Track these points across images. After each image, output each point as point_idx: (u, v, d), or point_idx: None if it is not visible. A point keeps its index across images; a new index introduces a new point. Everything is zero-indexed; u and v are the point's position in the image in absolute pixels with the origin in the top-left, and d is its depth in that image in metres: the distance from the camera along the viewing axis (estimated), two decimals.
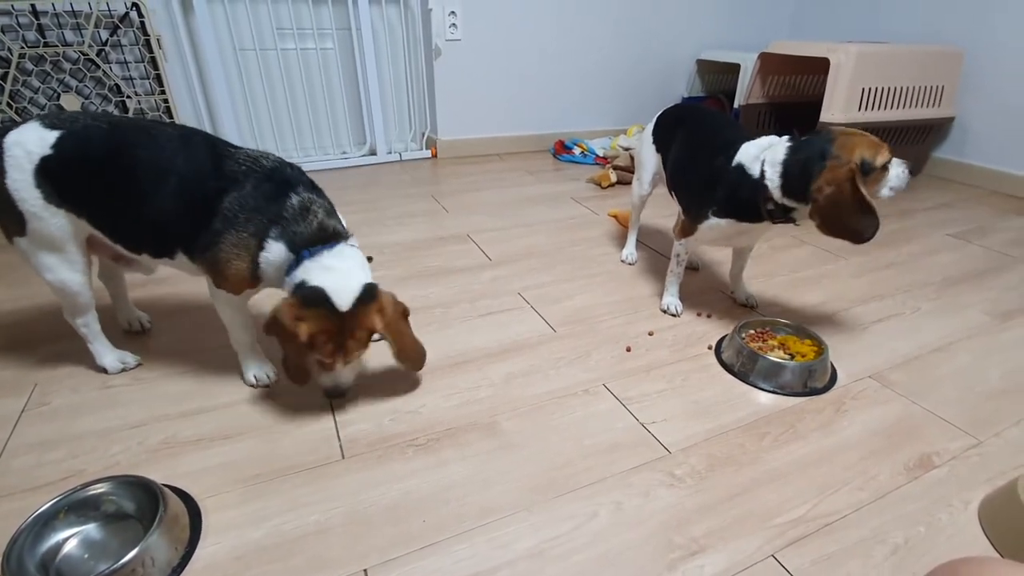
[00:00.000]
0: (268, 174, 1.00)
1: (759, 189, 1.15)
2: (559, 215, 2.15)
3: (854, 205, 1.08)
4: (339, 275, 0.95)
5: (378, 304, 0.99)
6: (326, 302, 0.93)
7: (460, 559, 0.82)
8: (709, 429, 1.07)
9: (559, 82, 2.99)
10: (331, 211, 1.03)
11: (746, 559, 0.82)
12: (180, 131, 1.02)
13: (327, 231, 0.99)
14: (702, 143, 1.32)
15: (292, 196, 0.99)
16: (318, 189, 1.05)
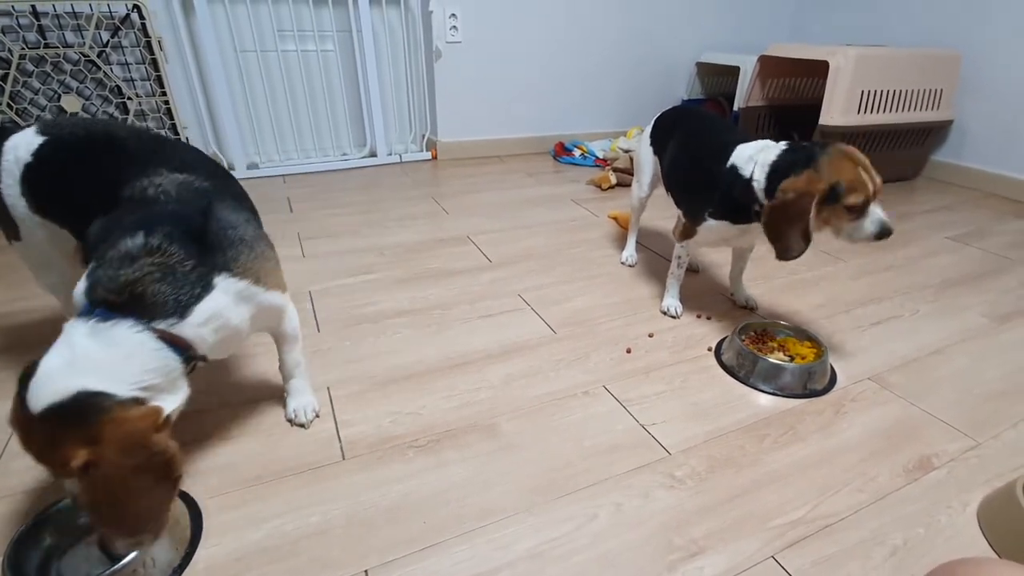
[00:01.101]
0: (150, 201, 0.81)
1: (749, 189, 1.15)
2: (559, 217, 2.15)
3: (796, 221, 1.06)
4: (63, 362, 0.67)
5: (88, 431, 0.64)
6: (22, 388, 0.67)
7: (460, 560, 0.82)
8: (709, 431, 1.07)
9: (559, 84, 3.00)
10: (174, 272, 0.74)
11: (746, 560, 0.82)
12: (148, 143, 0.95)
13: (121, 294, 0.71)
14: (699, 145, 1.33)
15: (138, 235, 0.74)
16: (209, 246, 0.79)
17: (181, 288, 0.74)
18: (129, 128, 1.00)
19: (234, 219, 0.85)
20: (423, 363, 1.26)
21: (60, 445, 0.64)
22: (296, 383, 1.09)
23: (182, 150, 0.97)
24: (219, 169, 1.01)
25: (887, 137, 2.56)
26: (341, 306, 1.49)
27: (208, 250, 0.79)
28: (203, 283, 0.77)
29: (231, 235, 0.83)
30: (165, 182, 0.84)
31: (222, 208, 0.85)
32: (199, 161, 0.96)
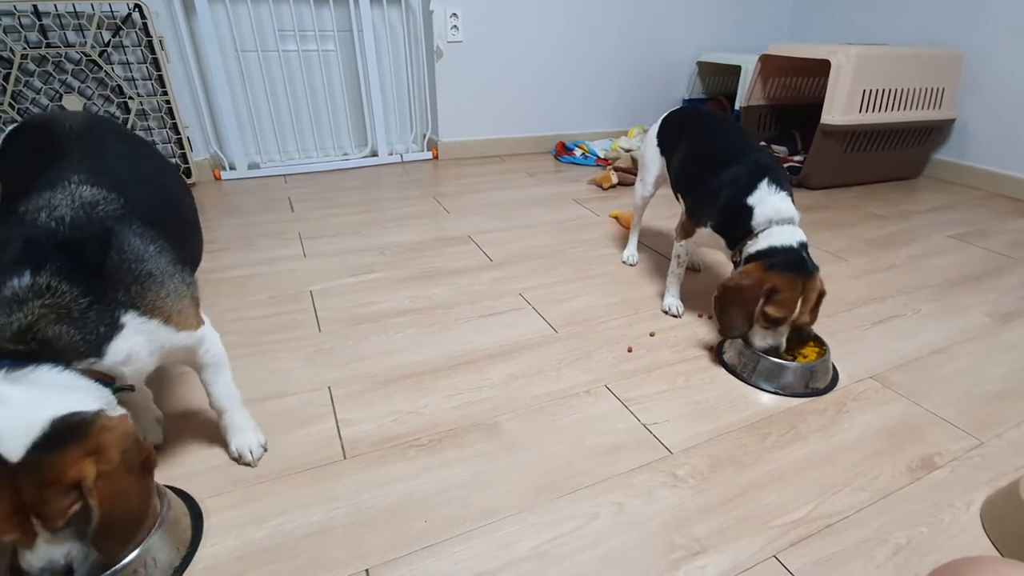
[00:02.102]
0: (40, 227, 0.70)
1: (746, 235, 1.20)
2: (560, 216, 2.15)
3: (744, 305, 1.15)
4: (5, 407, 0.60)
5: (91, 442, 0.63)
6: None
7: (462, 560, 0.82)
8: (711, 430, 1.07)
9: (560, 84, 2.99)
10: (71, 313, 0.67)
11: (748, 559, 0.82)
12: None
13: (28, 343, 0.65)
14: (709, 149, 1.34)
15: (24, 275, 0.66)
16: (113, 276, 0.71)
17: (86, 328, 0.68)
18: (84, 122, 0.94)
19: (140, 250, 0.76)
20: (425, 362, 1.26)
21: (62, 472, 0.61)
22: (232, 417, 0.97)
23: (113, 155, 0.89)
24: (156, 178, 0.92)
25: (888, 136, 2.56)
26: (342, 306, 1.49)
27: (108, 285, 0.71)
28: (107, 321, 0.70)
29: (135, 269, 0.74)
30: (63, 201, 0.73)
31: (127, 236, 0.75)
32: (127, 170, 0.87)
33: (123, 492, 0.65)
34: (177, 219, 0.93)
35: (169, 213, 0.90)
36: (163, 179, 0.96)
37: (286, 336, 1.35)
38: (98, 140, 0.90)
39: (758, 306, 1.14)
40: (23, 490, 0.60)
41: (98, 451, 0.63)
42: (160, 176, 0.95)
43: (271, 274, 1.66)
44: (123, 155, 0.91)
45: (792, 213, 1.19)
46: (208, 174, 2.53)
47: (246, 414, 1.00)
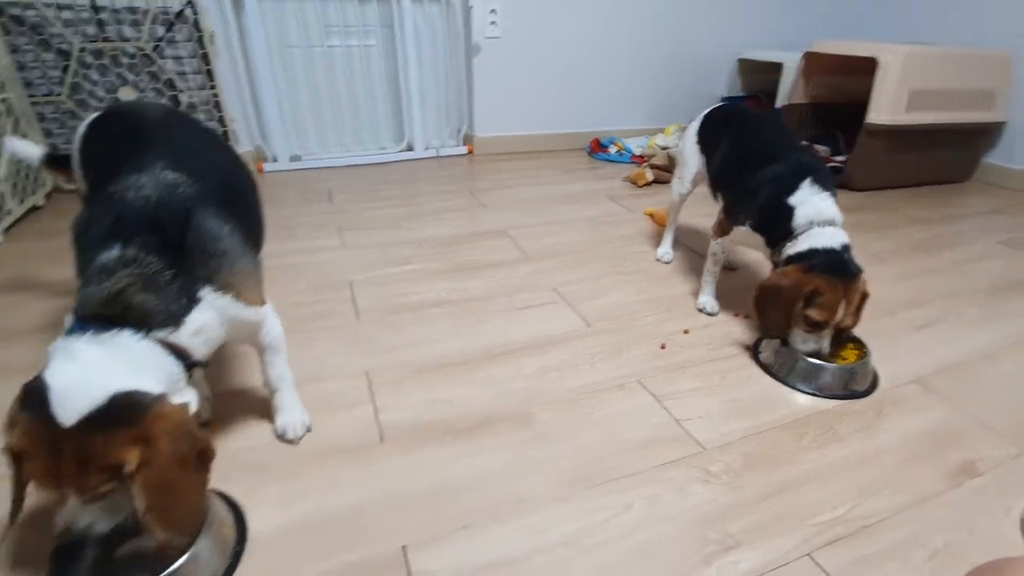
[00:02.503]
0: (128, 204, 0.76)
1: (787, 235, 1.18)
2: (594, 213, 2.15)
3: (783, 306, 1.13)
4: (79, 369, 0.64)
5: (140, 429, 0.63)
6: (38, 407, 0.61)
7: (496, 543, 0.84)
8: (745, 428, 1.07)
9: (597, 80, 2.99)
10: (156, 283, 0.72)
11: (782, 556, 0.82)
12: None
13: (115, 308, 0.69)
14: (750, 147, 1.32)
15: (114, 248, 0.72)
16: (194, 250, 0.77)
17: (168, 299, 0.73)
18: (162, 113, 1.02)
19: (216, 230, 0.81)
20: (460, 353, 1.28)
21: (105, 451, 0.61)
22: (283, 397, 1.03)
23: (190, 144, 0.95)
24: (227, 167, 0.98)
25: (935, 137, 2.47)
26: (380, 295, 1.53)
27: (188, 261, 0.76)
28: (188, 294, 0.75)
29: (211, 248, 0.79)
30: (148, 183, 0.79)
31: (205, 217, 0.80)
32: (202, 158, 0.92)
33: (170, 482, 0.65)
34: (245, 205, 0.98)
35: (238, 199, 0.96)
36: (233, 169, 1.02)
37: (326, 323, 1.39)
38: (177, 130, 0.98)
39: (798, 308, 1.13)
40: (64, 454, 0.61)
41: (146, 439, 0.63)
42: (230, 166, 1.02)
43: (311, 263, 1.71)
44: (199, 145, 0.98)
45: (834, 215, 1.18)
46: (252, 166, 2.61)
47: (296, 396, 1.05)
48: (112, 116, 1.05)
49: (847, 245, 1.15)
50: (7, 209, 1.86)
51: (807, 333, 1.16)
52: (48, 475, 0.62)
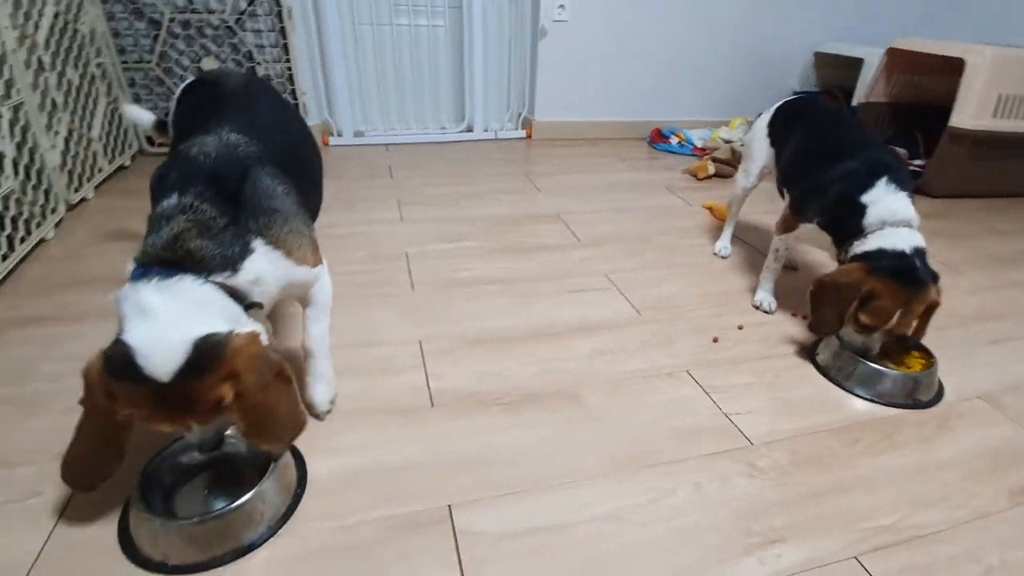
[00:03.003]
0: (191, 160, 0.82)
1: (855, 234, 1.14)
2: (651, 203, 2.13)
3: (839, 303, 1.10)
4: (156, 326, 0.67)
5: (226, 367, 0.68)
6: (135, 372, 0.65)
7: (539, 511, 0.86)
8: (796, 427, 1.05)
9: (662, 69, 2.92)
10: (210, 229, 0.75)
11: (827, 556, 0.81)
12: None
13: (175, 251, 0.73)
14: (824, 142, 1.28)
15: (172, 196, 0.76)
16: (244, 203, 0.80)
17: (223, 244, 0.76)
18: (242, 82, 1.08)
19: (271, 188, 0.85)
20: (510, 329, 1.31)
21: (205, 394, 0.67)
22: (317, 363, 1.02)
23: (259, 112, 1.00)
24: (292, 136, 1.02)
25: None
26: (435, 269, 1.57)
27: (241, 212, 0.79)
28: (242, 242, 0.78)
29: (265, 204, 0.82)
30: (212, 143, 0.84)
31: (262, 174, 0.84)
32: (269, 125, 0.96)
33: (261, 404, 0.72)
34: (305, 173, 1.02)
35: (299, 167, 0.99)
36: (299, 139, 1.07)
37: (382, 292, 1.45)
38: (251, 97, 1.03)
39: (852, 308, 1.09)
40: (172, 404, 0.67)
41: (233, 375, 0.69)
42: (297, 136, 1.07)
43: (370, 234, 1.77)
44: (268, 112, 1.03)
45: (910, 215, 1.13)
46: (318, 139, 2.70)
47: (329, 364, 1.04)
48: (198, 84, 1.12)
49: (921, 249, 1.10)
50: (99, 167, 2.00)
51: (856, 333, 1.12)
52: (165, 423, 0.69)
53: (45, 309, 1.29)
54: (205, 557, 0.75)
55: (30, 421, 0.98)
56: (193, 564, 0.74)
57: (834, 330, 1.14)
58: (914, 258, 1.08)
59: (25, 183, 1.54)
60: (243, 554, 0.77)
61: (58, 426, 0.96)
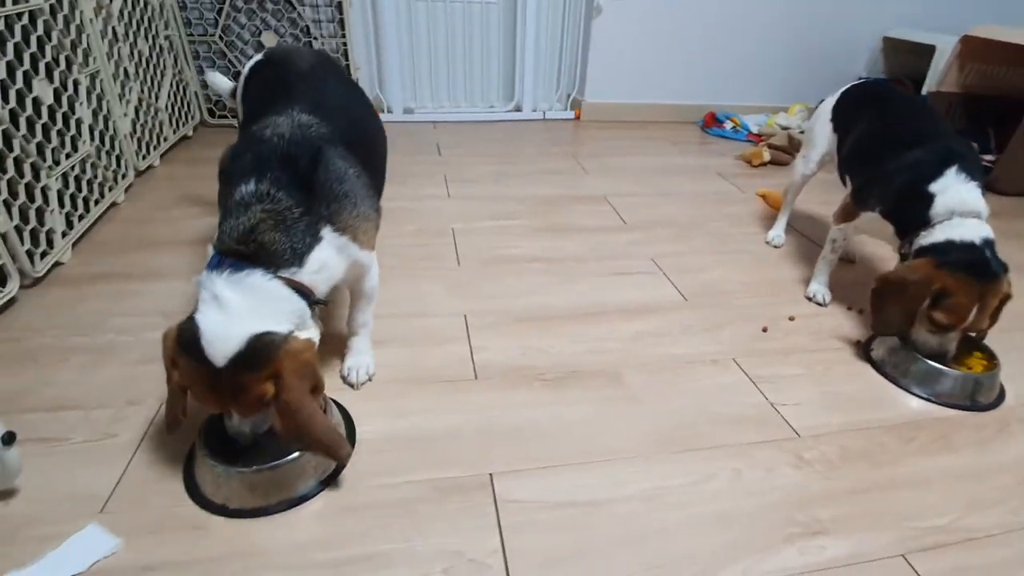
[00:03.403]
0: (266, 141, 0.83)
1: (921, 225, 1.09)
2: (701, 189, 2.08)
3: (906, 303, 1.05)
4: (225, 315, 0.72)
5: (273, 367, 0.73)
6: (196, 350, 0.71)
7: (577, 484, 0.87)
8: (846, 422, 1.02)
9: (718, 52, 2.82)
10: (284, 220, 0.78)
11: (873, 551, 0.79)
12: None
13: (248, 244, 0.76)
14: (893, 129, 1.23)
15: (250, 182, 0.79)
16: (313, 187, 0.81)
17: (294, 237, 0.78)
18: (311, 61, 1.09)
19: (343, 171, 0.86)
20: (554, 307, 1.31)
21: (250, 386, 0.72)
22: (358, 341, 1.07)
23: (327, 91, 1.01)
24: (359, 115, 1.03)
25: None
26: (481, 245, 1.58)
27: (314, 199, 0.81)
28: (312, 233, 0.80)
29: (336, 189, 0.84)
30: (284, 123, 0.85)
31: (333, 156, 0.85)
32: (337, 104, 0.97)
33: (296, 410, 0.74)
34: (371, 152, 1.04)
35: (366, 145, 1.01)
36: (365, 118, 1.09)
37: (429, 265, 1.47)
38: (320, 78, 1.05)
39: (922, 307, 1.05)
40: (221, 387, 0.73)
41: (279, 375, 0.73)
42: (364, 116, 1.08)
43: (419, 209, 1.79)
44: (337, 92, 1.05)
45: (980, 207, 1.07)
46: None
47: (369, 343, 1.09)
48: (267, 62, 1.15)
49: (990, 240, 1.04)
50: (164, 136, 2.10)
51: (930, 333, 1.08)
52: (211, 402, 0.75)
53: (116, 267, 1.38)
54: (262, 504, 0.80)
55: (104, 369, 1.05)
56: (251, 509, 0.79)
57: (900, 331, 1.10)
58: (984, 249, 1.03)
59: (100, 149, 1.62)
60: (296, 504, 0.81)
61: (129, 375, 1.03)
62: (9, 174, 1.22)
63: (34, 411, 0.94)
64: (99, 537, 0.73)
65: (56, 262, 1.35)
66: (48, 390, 0.99)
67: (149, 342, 1.12)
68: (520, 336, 1.21)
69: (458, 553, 0.76)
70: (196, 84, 2.39)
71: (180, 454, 0.87)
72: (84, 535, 0.74)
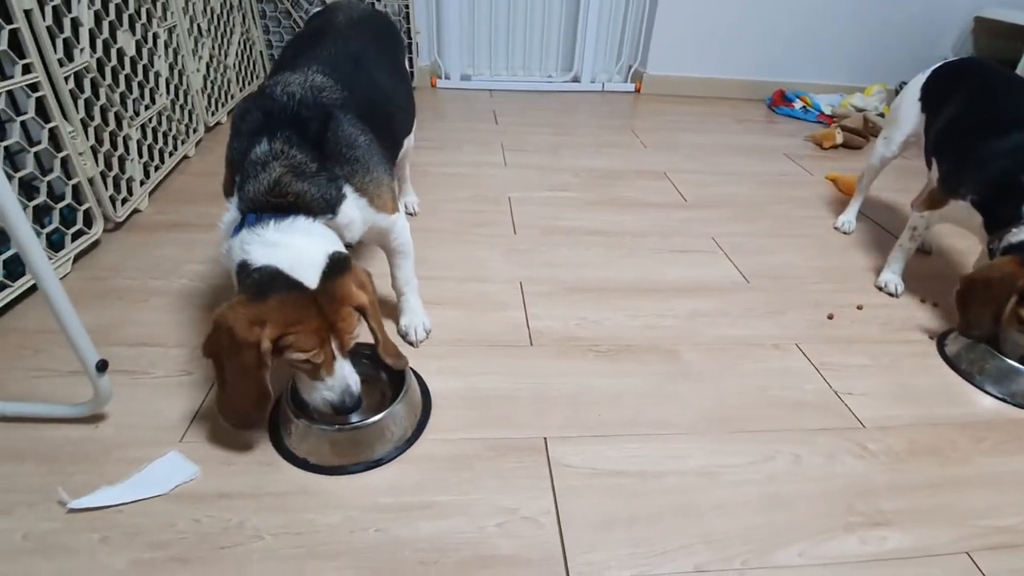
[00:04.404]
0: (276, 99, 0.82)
1: (1014, 220, 1.02)
2: (767, 169, 2.00)
3: (990, 302, 1.00)
4: (291, 249, 0.73)
5: (355, 276, 0.77)
6: (286, 282, 0.71)
7: (630, 455, 0.87)
8: (915, 416, 0.98)
9: (794, 26, 2.67)
10: (305, 173, 0.78)
11: (936, 546, 0.77)
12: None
13: (284, 196, 0.77)
14: (991, 110, 1.14)
15: (262, 143, 0.79)
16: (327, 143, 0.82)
17: (322, 188, 0.79)
18: (352, 17, 1.07)
19: (352, 137, 0.85)
20: (610, 280, 1.30)
21: (347, 296, 0.75)
22: (408, 300, 1.08)
23: (357, 54, 0.99)
24: (385, 84, 1.02)
25: None
26: (537, 215, 1.57)
27: (327, 159, 0.81)
28: (336, 187, 0.81)
29: (347, 153, 0.84)
30: (296, 82, 0.84)
31: (344, 123, 0.84)
32: (362, 70, 0.96)
33: (379, 315, 0.81)
34: (389, 122, 1.03)
35: (383, 116, 1.00)
36: (392, 89, 1.06)
37: (486, 232, 1.47)
38: (351, 40, 1.03)
39: (1010, 306, 0.98)
40: (325, 308, 0.73)
41: (362, 284, 0.77)
42: (390, 86, 1.06)
43: (475, 176, 1.79)
44: (366, 59, 1.02)
45: None
46: (426, 80, 2.73)
47: (419, 300, 1.10)
48: (318, 13, 1.14)
49: None
50: (231, 93, 2.15)
51: (1020, 335, 1.01)
52: (319, 332, 0.73)
53: (188, 217, 1.44)
54: (341, 462, 0.82)
55: (180, 311, 1.10)
56: (329, 466, 0.81)
57: (987, 332, 1.04)
58: None
59: (174, 103, 1.68)
60: (374, 466, 0.83)
61: (201, 319, 1.09)
62: (96, 122, 1.28)
63: (119, 345, 1.00)
64: (180, 463, 0.78)
65: (135, 209, 1.42)
66: (131, 327, 1.05)
67: (218, 289, 1.17)
68: (575, 307, 1.21)
69: (512, 510, 0.78)
70: (262, 43, 2.43)
71: None
72: (166, 460, 0.79)
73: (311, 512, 0.75)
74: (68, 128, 1.18)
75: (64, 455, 0.80)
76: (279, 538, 0.72)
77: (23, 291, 1.07)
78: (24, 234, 0.65)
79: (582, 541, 0.74)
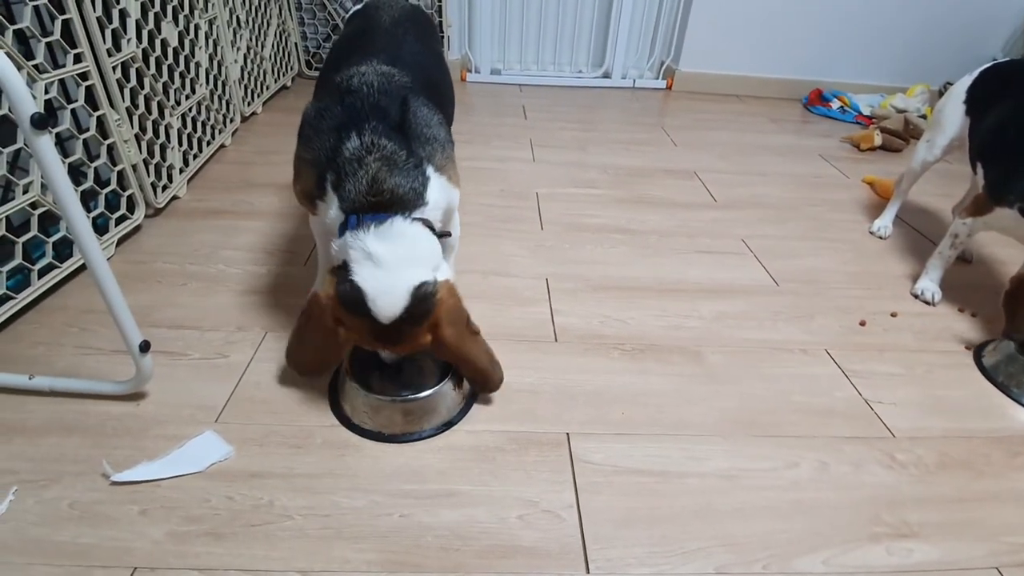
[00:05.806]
0: (354, 92, 0.83)
1: None
2: (800, 170, 1.96)
3: None
4: (383, 271, 0.76)
5: (433, 318, 0.79)
6: (365, 309, 0.76)
7: (651, 454, 0.87)
8: (948, 428, 0.96)
9: (835, 23, 2.60)
10: (397, 164, 0.79)
11: (964, 561, 0.75)
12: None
13: (380, 195, 0.78)
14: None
15: (352, 138, 0.79)
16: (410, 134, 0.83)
17: (412, 179, 0.80)
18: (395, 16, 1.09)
19: (428, 116, 0.87)
20: (635, 279, 1.30)
21: (415, 336, 0.79)
22: None
23: (406, 46, 1.02)
24: (434, 71, 1.04)
25: None
26: (563, 211, 1.57)
27: (411, 142, 0.82)
28: (422, 172, 0.82)
29: (426, 133, 0.85)
30: (369, 72, 0.86)
31: (417, 104, 0.86)
32: (415, 59, 0.98)
33: (455, 350, 0.84)
34: (444, 105, 1.03)
35: (440, 98, 1.01)
36: (438, 74, 1.09)
37: (513, 227, 1.48)
38: (400, 36, 1.05)
39: None
40: (386, 339, 0.80)
41: (437, 325, 0.80)
42: (438, 71, 1.08)
43: (504, 171, 1.80)
44: (415, 51, 1.04)
45: None
46: (456, 74, 2.74)
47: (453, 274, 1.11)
48: (363, 10, 1.16)
49: None
50: (267, 84, 2.19)
51: None
52: (375, 348, 0.84)
53: (225, 204, 1.48)
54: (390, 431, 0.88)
55: (216, 296, 1.14)
56: (376, 432, 0.88)
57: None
58: None
59: (213, 93, 1.72)
60: (416, 440, 0.87)
61: (237, 304, 1.12)
62: (140, 111, 1.32)
63: (159, 326, 1.04)
64: (215, 443, 0.82)
65: (174, 196, 1.47)
66: (171, 310, 1.09)
67: (254, 275, 1.21)
68: (600, 304, 1.21)
69: (533, 503, 0.79)
70: (297, 35, 2.47)
71: (283, 378, 0.95)
72: (203, 439, 0.82)
73: (338, 495, 0.78)
74: (115, 116, 1.22)
75: (108, 429, 0.84)
76: (307, 518, 0.74)
77: (70, 272, 1.12)
78: (77, 218, 0.68)
79: (602, 537, 0.75)
